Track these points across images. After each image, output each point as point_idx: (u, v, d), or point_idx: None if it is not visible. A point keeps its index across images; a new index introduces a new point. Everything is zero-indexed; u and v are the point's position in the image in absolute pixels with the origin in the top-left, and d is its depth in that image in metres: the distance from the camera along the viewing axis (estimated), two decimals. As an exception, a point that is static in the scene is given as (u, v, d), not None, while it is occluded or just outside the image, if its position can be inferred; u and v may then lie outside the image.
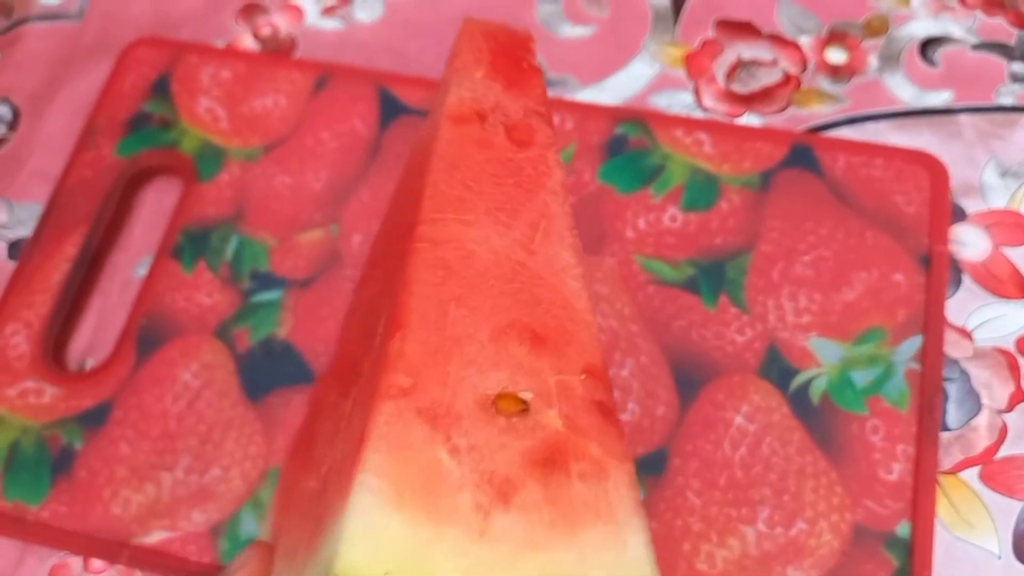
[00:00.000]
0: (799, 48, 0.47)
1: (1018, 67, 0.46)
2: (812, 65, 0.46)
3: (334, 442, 0.25)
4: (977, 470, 0.37)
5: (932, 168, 0.42)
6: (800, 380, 0.38)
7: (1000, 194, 0.43)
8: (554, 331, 0.23)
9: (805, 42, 0.47)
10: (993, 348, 0.40)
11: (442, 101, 0.28)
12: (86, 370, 0.42)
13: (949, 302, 0.40)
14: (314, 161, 0.45)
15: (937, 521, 0.36)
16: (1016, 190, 0.43)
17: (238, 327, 0.41)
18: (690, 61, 0.47)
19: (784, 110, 0.45)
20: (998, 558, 0.36)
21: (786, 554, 0.35)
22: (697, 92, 0.46)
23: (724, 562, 0.36)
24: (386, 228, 0.34)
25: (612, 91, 0.46)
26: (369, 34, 0.50)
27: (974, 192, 0.43)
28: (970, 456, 0.38)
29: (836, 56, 0.47)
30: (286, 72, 0.47)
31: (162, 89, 0.47)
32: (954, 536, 0.36)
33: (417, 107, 0.46)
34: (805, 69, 0.46)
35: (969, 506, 0.37)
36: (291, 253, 0.43)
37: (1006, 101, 0.45)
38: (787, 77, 0.46)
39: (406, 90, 0.46)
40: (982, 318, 0.40)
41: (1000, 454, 0.38)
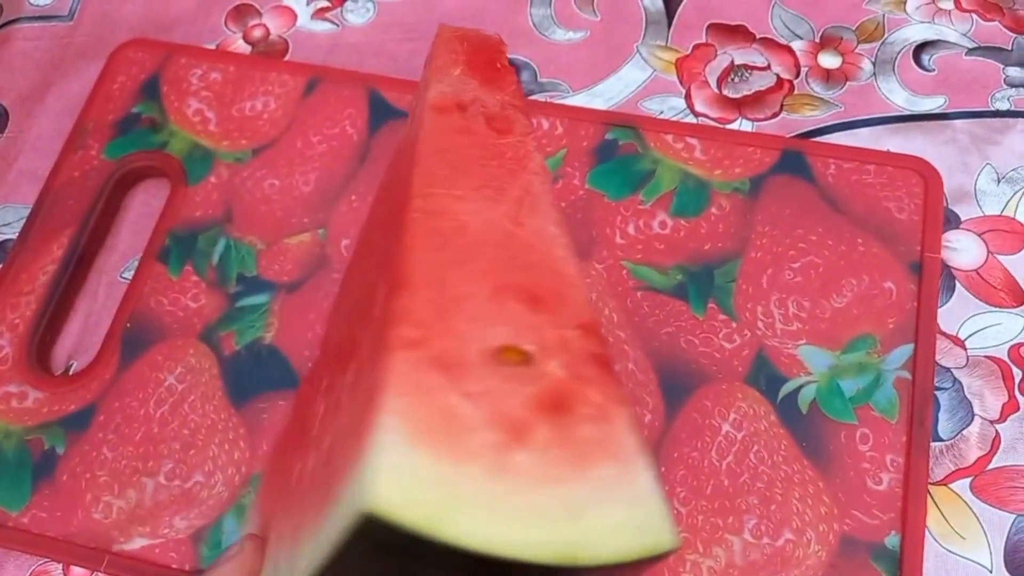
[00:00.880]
0: (792, 52, 0.47)
1: (1014, 71, 0.45)
2: (805, 69, 0.46)
3: (336, 415, 0.25)
4: (968, 481, 0.37)
5: (925, 174, 0.42)
6: (788, 388, 0.38)
7: (995, 200, 0.42)
8: (548, 292, 0.24)
9: (798, 46, 0.47)
10: (986, 357, 0.39)
11: (423, 97, 0.28)
12: (71, 373, 0.41)
13: (941, 310, 0.40)
14: (303, 164, 0.45)
15: (927, 533, 0.36)
16: (1011, 196, 0.42)
17: (224, 331, 0.41)
18: (682, 65, 0.47)
19: (776, 115, 0.45)
20: (990, 572, 0.35)
21: (773, 565, 0.35)
22: (689, 97, 0.46)
23: (709, 572, 0.35)
24: (374, 218, 0.34)
25: (604, 95, 0.46)
26: (361, 36, 0.49)
27: (968, 198, 0.42)
28: (961, 467, 0.37)
29: (829, 61, 0.46)
30: (276, 74, 0.47)
31: (151, 91, 0.47)
32: (944, 548, 0.36)
33: (407, 110, 0.45)
34: (798, 74, 0.46)
35: (960, 518, 0.36)
36: (279, 257, 0.43)
37: (1001, 106, 0.44)
38: (780, 81, 0.46)
39: (396, 93, 0.46)
40: (975, 327, 0.40)
41: (992, 465, 0.37)
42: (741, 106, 0.45)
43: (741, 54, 0.47)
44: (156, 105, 0.47)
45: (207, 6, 0.51)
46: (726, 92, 0.46)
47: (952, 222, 0.42)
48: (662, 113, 0.45)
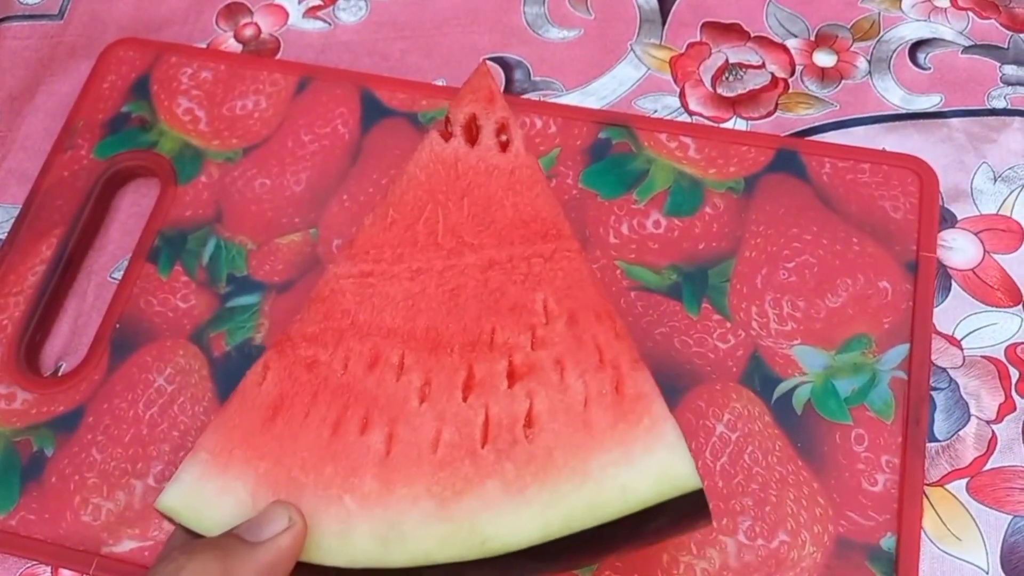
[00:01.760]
0: (787, 51, 0.46)
1: (1011, 70, 0.45)
2: (800, 68, 0.46)
3: (459, 397, 0.30)
4: (965, 482, 0.37)
5: (921, 172, 0.41)
6: (783, 388, 0.37)
7: (991, 199, 0.42)
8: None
9: (793, 45, 0.47)
10: (982, 357, 0.39)
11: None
12: (60, 374, 0.41)
13: (937, 310, 0.39)
14: (294, 164, 0.44)
15: (923, 534, 0.35)
16: (1008, 195, 0.42)
17: (214, 331, 0.41)
18: (676, 64, 0.46)
19: (771, 114, 0.44)
20: (986, 573, 0.35)
21: (767, 566, 0.35)
22: (683, 96, 0.45)
23: (703, 574, 0.35)
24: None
25: (597, 94, 0.46)
26: (353, 35, 0.49)
27: (964, 197, 0.42)
28: (957, 467, 0.37)
29: (824, 59, 0.46)
30: (267, 73, 0.47)
31: (141, 90, 0.47)
32: (940, 550, 0.35)
33: (399, 110, 0.45)
34: (793, 72, 0.46)
35: (956, 519, 0.36)
36: (269, 257, 0.42)
37: (998, 104, 0.44)
38: (775, 80, 0.45)
39: (388, 92, 0.45)
40: (971, 326, 0.39)
41: (988, 466, 0.37)
42: (735, 105, 0.45)
43: (736, 52, 0.47)
44: (146, 104, 0.46)
45: (198, 5, 0.50)
46: (720, 91, 0.45)
47: (948, 221, 0.41)
48: (656, 112, 0.45)
